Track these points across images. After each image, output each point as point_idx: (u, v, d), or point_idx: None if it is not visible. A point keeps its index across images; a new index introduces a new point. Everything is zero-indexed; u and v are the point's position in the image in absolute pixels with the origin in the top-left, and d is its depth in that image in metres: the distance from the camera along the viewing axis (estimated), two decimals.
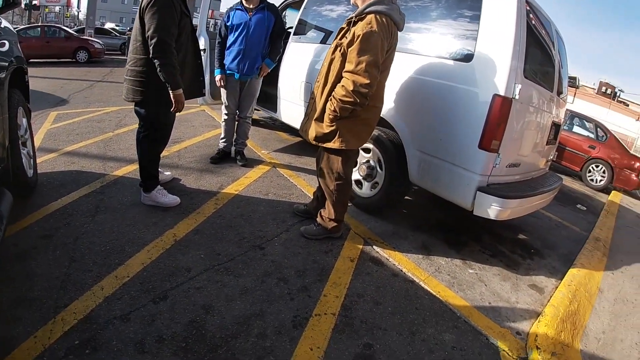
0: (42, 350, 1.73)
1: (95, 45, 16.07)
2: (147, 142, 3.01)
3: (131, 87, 2.82)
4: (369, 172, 3.50)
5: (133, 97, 2.83)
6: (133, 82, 2.80)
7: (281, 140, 5.75)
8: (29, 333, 1.82)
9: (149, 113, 2.91)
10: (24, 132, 3.01)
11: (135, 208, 3.06)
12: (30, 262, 2.31)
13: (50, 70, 11.28)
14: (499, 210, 2.75)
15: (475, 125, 2.74)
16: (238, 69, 3.92)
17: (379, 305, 2.37)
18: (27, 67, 3.20)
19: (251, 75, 4.00)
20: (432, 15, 3.27)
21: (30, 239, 2.53)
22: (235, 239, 2.84)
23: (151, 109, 2.90)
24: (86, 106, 6.56)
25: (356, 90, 2.41)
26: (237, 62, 3.90)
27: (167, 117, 2.99)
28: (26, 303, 1.99)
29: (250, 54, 3.88)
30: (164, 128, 3.06)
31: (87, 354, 1.74)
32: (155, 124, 2.96)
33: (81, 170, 3.66)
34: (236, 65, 3.92)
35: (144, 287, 2.21)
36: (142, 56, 2.74)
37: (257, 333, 1.99)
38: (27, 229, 2.65)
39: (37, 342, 1.78)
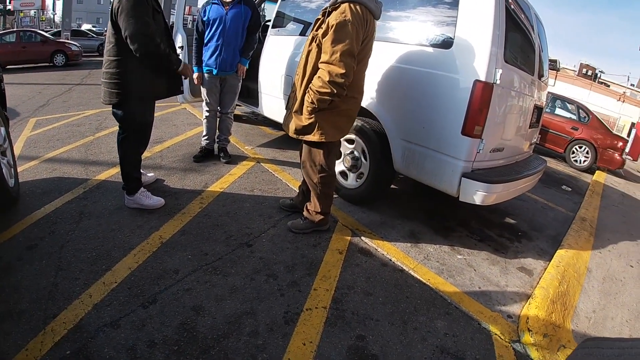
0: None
1: (72, 47, 15.79)
2: (127, 144, 2.98)
3: (107, 90, 2.78)
4: (353, 163, 3.49)
5: (109, 99, 2.80)
6: (109, 84, 2.76)
7: (264, 134, 5.73)
8: (20, 346, 1.79)
9: (125, 114, 2.87)
10: (2, 141, 2.95)
11: (120, 212, 3.02)
12: (17, 274, 2.27)
13: (27, 76, 11.07)
14: (484, 195, 2.76)
15: (458, 111, 2.74)
16: (216, 64, 3.89)
17: (370, 296, 2.38)
18: (2, 74, 3.13)
19: (230, 71, 3.96)
20: (411, 3, 3.25)
21: (15, 250, 2.49)
22: (222, 237, 2.82)
23: (128, 110, 2.86)
24: (65, 110, 6.45)
25: (332, 81, 2.40)
26: (214, 58, 3.87)
27: (145, 116, 2.97)
28: (15, 316, 1.96)
29: (227, 49, 3.85)
30: (143, 129, 3.02)
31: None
32: (133, 124, 2.93)
33: (63, 176, 3.61)
34: (214, 61, 3.88)
35: (132, 292, 2.18)
36: (115, 57, 2.71)
37: (249, 331, 1.99)
38: (12, 239, 2.60)
39: (28, 354, 1.75)
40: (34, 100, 7.30)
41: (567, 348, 2.21)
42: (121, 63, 2.71)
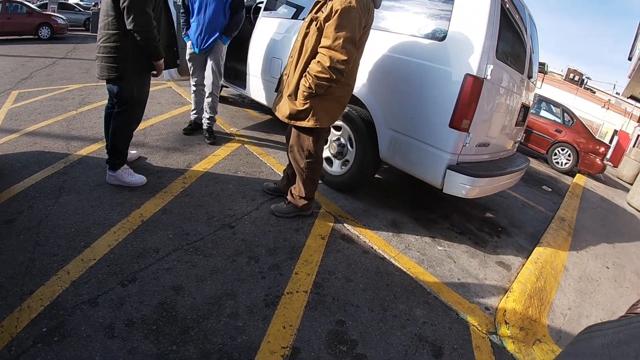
0: (9, 340, 1.67)
1: (59, 20, 15.38)
2: (122, 119, 2.94)
3: (105, 64, 2.73)
4: (339, 150, 3.49)
5: (108, 74, 2.75)
6: (107, 58, 2.71)
7: (250, 117, 5.69)
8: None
9: (124, 89, 2.83)
10: None
11: (100, 188, 2.97)
12: None
13: (11, 48, 10.76)
14: (468, 188, 2.79)
15: (447, 104, 2.76)
16: (197, 43, 3.98)
17: (351, 282, 2.39)
18: None
19: (208, 48, 4.02)
20: None
21: None
22: (205, 218, 2.79)
23: (126, 85, 2.82)
24: (49, 84, 6.29)
25: (332, 67, 2.38)
26: (196, 36, 3.96)
27: (143, 92, 2.95)
28: None
29: (208, 28, 3.91)
30: (139, 104, 3.00)
31: (56, 341, 1.69)
32: (130, 100, 2.89)
33: (44, 150, 3.52)
34: (195, 39, 3.97)
35: (111, 269, 2.15)
36: (115, 31, 2.66)
37: (229, 313, 1.98)
38: None
39: (3, 331, 1.71)
40: (16, 72, 7.11)
41: (542, 342, 2.26)
42: (120, 37, 2.66)
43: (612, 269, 3.50)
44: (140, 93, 2.94)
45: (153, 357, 1.68)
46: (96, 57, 2.78)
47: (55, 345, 1.67)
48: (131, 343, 1.73)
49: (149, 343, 1.75)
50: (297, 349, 1.85)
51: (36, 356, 1.62)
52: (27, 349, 1.64)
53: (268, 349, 1.82)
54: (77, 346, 1.68)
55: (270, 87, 4.12)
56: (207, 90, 4.23)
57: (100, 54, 2.73)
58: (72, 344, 1.69)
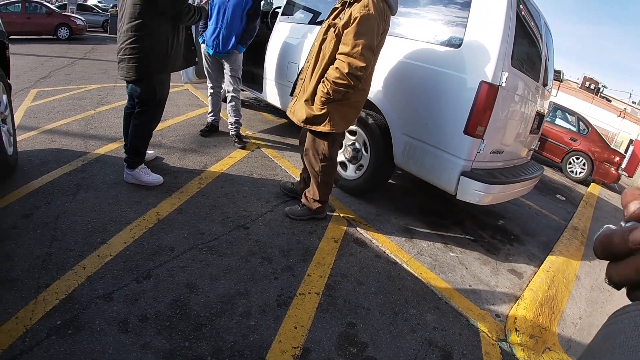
0: (23, 331, 1.70)
1: (77, 22, 15.58)
2: (143, 118, 3.00)
3: (130, 65, 2.78)
4: (354, 155, 3.51)
5: (133, 74, 2.81)
6: (129, 59, 2.77)
7: (266, 121, 5.72)
8: (10, 314, 1.78)
9: (146, 90, 2.90)
10: (3, 108, 2.93)
11: (118, 187, 3.01)
12: (10, 242, 2.25)
13: (30, 47, 10.94)
14: (481, 195, 2.79)
15: (461, 110, 2.76)
16: (213, 45, 4.02)
17: (362, 285, 2.40)
18: (8, 42, 3.10)
19: (224, 54, 4.07)
20: (423, 1, 3.26)
21: (10, 219, 2.47)
22: (219, 218, 2.82)
23: (148, 86, 2.89)
24: (67, 84, 6.39)
25: (351, 73, 2.40)
26: (212, 39, 4.01)
27: (163, 92, 3.01)
28: (6, 284, 1.95)
29: (224, 33, 3.96)
30: (160, 104, 3.06)
31: (70, 334, 1.72)
32: (152, 100, 2.96)
33: (62, 148, 3.58)
34: (212, 42, 4.02)
35: (127, 266, 2.18)
36: (138, 33, 2.73)
37: (242, 312, 2.00)
38: (7, 208, 2.59)
39: (18, 323, 1.74)
40: (36, 71, 7.22)
41: (552, 351, 2.25)
42: (144, 38, 2.73)
43: None
44: (162, 93, 3.00)
45: (165, 352, 1.71)
46: (119, 59, 2.83)
47: (69, 337, 1.70)
48: (144, 338, 1.76)
49: (161, 339, 1.77)
50: (307, 349, 1.86)
51: (50, 348, 1.65)
52: (41, 341, 1.67)
53: (279, 349, 1.83)
54: (91, 339, 1.71)
55: (286, 92, 4.15)
56: (229, 95, 4.27)
57: (124, 55, 2.78)
58: (85, 337, 1.72)
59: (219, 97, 4.50)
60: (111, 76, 7.40)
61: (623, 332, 0.36)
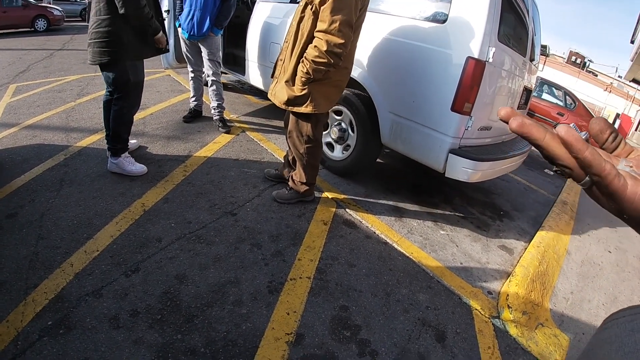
0: (15, 335, 1.68)
1: (55, 12, 15.25)
2: (121, 103, 2.95)
3: (97, 49, 2.73)
4: (340, 135, 3.48)
5: (100, 58, 2.75)
6: (99, 43, 2.71)
7: (250, 103, 5.65)
8: (0, 318, 1.76)
9: (118, 75, 2.84)
10: None
11: (102, 179, 2.96)
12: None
13: (7, 42, 10.68)
14: (470, 172, 2.77)
15: (448, 87, 2.73)
16: (188, 29, 3.94)
17: (354, 268, 2.40)
18: None
19: (199, 37, 3.99)
20: None
21: None
22: (206, 206, 2.80)
23: (121, 70, 2.83)
24: (46, 76, 6.26)
25: (330, 51, 2.35)
26: (187, 23, 3.93)
27: (138, 75, 2.95)
28: None
29: (198, 15, 3.87)
30: (136, 88, 3.00)
31: (62, 334, 1.70)
32: (127, 84, 2.89)
33: (44, 143, 3.51)
34: (186, 25, 3.94)
35: (114, 260, 2.16)
36: (106, 16, 2.67)
37: (233, 300, 1.99)
38: None
39: (9, 326, 1.72)
40: (14, 66, 7.06)
41: (544, 326, 2.27)
42: (112, 21, 2.67)
43: (614, 254, 3.49)
44: (136, 76, 2.93)
45: (158, 346, 1.69)
46: (88, 43, 2.78)
47: (61, 338, 1.68)
48: (136, 333, 1.75)
49: (154, 333, 1.76)
50: (301, 335, 1.86)
51: (42, 350, 1.63)
52: (34, 343, 1.65)
53: (272, 336, 1.83)
54: (83, 338, 1.69)
55: (269, 73, 4.09)
56: (210, 79, 4.21)
57: (92, 39, 2.73)
58: (77, 336, 1.70)
59: (201, 81, 4.44)
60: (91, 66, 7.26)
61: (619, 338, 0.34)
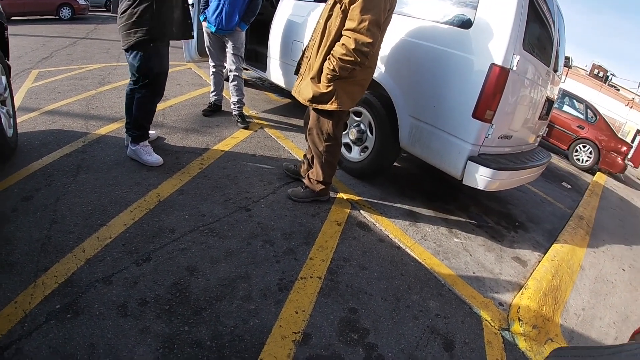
0: (22, 316, 1.69)
1: (79, 1, 15.47)
2: (144, 93, 2.99)
3: (125, 32, 2.79)
4: (359, 136, 3.46)
5: (126, 41, 2.81)
6: (126, 26, 2.78)
7: (270, 101, 5.64)
8: (9, 298, 1.77)
9: (143, 62, 2.87)
10: (2, 90, 2.89)
11: (118, 167, 2.98)
12: (10, 226, 2.23)
13: (32, 28, 10.86)
14: (488, 180, 2.74)
15: (470, 93, 2.70)
16: (215, 22, 3.96)
17: (365, 270, 2.37)
18: (6, 24, 3.07)
19: (227, 31, 4.00)
20: None
21: (9, 201, 2.45)
22: (221, 199, 2.80)
23: (146, 58, 2.86)
24: (69, 64, 6.34)
25: (357, 49, 2.36)
26: (215, 17, 3.94)
27: (162, 66, 2.98)
28: (6, 268, 1.93)
29: (227, 9, 3.88)
30: (160, 77, 3.02)
31: (69, 318, 1.71)
32: (151, 73, 2.93)
33: (63, 129, 3.55)
34: (214, 19, 3.95)
35: (126, 248, 2.17)
36: (130, 2, 2.73)
37: (242, 295, 1.98)
38: (7, 190, 2.56)
39: (17, 307, 1.73)
40: (37, 52, 7.16)
41: (554, 342, 2.22)
42: (135, 6, 2.72)
43: (629, 272, 3.42)
44: (160, 66, 2.96)
45: (165, 337, 1.69)
46: (118, 29, 2.84)
47: (68, 322, 1.69)
48: (143, 322, 1.75)
49: (161, 323, 1.76)
50: (308, 335, 1.85)
51: (49, 332, 1.63)
52: (40, 325, 1.66)
53: (279, 334, 1.82)
54: (90, 324, 1.70)
55: (291, 71, 4.09)
56: (231, 74, 4.22)
57: (120, 24, 2.80)
58: (84, 322, 1.70)
59: (222, 76, 4.46)
60: (113, 55, 7.34)
61: None
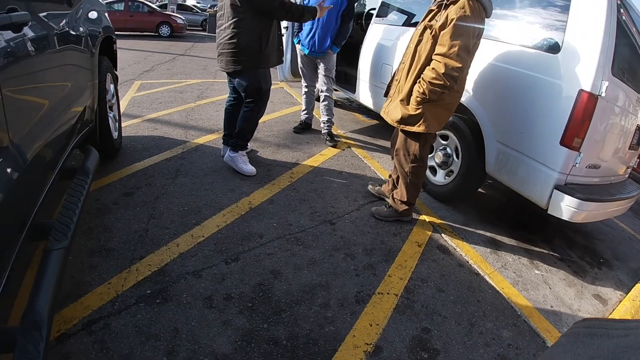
0: (114, 296, 1.91)
1: (178, 20, 16.60)
2: (251, 108, 3.22)
3: (231, 59, 3.02)
4: (444, 160, 3.45)
5: (234, 67, 3.04)
6: (233, 53, 3.00)
7: (357, 121, 5.73)
8: (104, 279, 2.00)
9: (251, 82, 3.11)
10: (111, 97, 3.25)
11: (214, 174, 3.24)
12: (111, 216, 2.53)
13: (134, 43, 11.84)
14: (574, 211, 2.64)
15: (558, 120, 2.63)
16: (308, 45, 4.14)
17: (442, 293, 2.37)
18: (115, 37, 3.44)
19: (319, 54, 4.16)
20: (518, 3, 3.16)
21: (112, 195, 2.77)
22: (308, 212, 2.93)
23: (251, 79, 3.10)
24: (169, 77, 6.86)
25: (447, 74, 2.41)
26: (308, 39, 4.12)
27: (267, 84, 3.21)
28: (103, 253, 2.19)
29: (320, 33, 4.05)
30: (265, 96, 3.25)
31: (158, 303, 1.90)
32: (258, 91, 3.16)
33: (163, 136, 3.90)
34: (307, 42, 4.14)
35: (217, 247, 2.36)
36: (238, 30, 2.95)
37: (321, 303, 2.07)
38: (110, 185, 2.89)
39: (110, 288, 1.96)
40: (139, 65, 7.84)
41: None
42: (243, 35, 2.96)
43: None
44: (266, 83, 3.19)
45: (244, 331, 1.82)
46: (219, 52, 3.08)
47: (156, 306, 1.88)
48: (226, 315, 1.89)
49: (242, 318, 1.89)
50: (379, 348, 1.88)
51: (137, 313, 1.83)
52: (130, 306, 1.86)
53: (352, 343, 1.87)
54: (177, 310, 1.87)
55: (380, 93, 4.17)
56: (322, 95, 4.39)
57: (225, 50, 3.03)
58: (171, 308, 1.88)
59: (313, 96, 4.64)
60: (210, 72, 7.83)
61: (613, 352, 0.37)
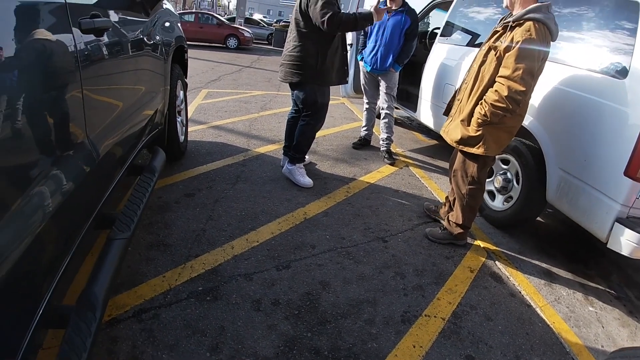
0: (167, 289, 2.03)
1: (245, 33, 17.32)
2: (306, 121, 3.33)
3: (289, 70, 3.15)
4: (504, 185, 3.36)
5: (291, 78, 3.16)
6: (291, 65, 3.13)
7: (416, 140, 5.69)
8: (159, 272, 2.14)
9: (307, 95, 3.21)
10: (180, 102, 3.47)
11: (273, 183, 3.35)
12: (171, 214, 2.69)
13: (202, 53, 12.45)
14: (634, 247, 2.47)
15: (623, 149, 2.49)
16: (370, 62, 4.21)
17: (490, 321, 2.32)
18: (187, 46, 3.65)
19: (381, 71, 4.21)
20: (585, 25, 3.04)
21: (174, 194, 2.95)
22: (361, 227, 2.95)
23: (310, 92, 3.20)
24: (234, 88, 7.17)
25: (510, 97, 2.37)
26: (371, 57, 4.19)
27: (323, 98, 3.29)
28: (161, 247, 2.34)
29: (382, 51, 4.11)
30: (321, 110, 3.34)
31: (208, 300, 2.00)
32: (315, 104, 3.25)
33: (227, 143, 4.09)
34: (370, 59, 4.20)
35: (270, 253, 2.44)
36: (299, 43, 3.09)
37: (366, 318, 2.08)
38: (173, 185, 3.08)
39: (164, 281, 2.08)
40: (207, 74, 8.24)
41: None
42: (303, 48, 3.08)
43: None
44: (323, 98, 3.28)
45: (288, 337, 1.86)
46: (281, 63, 3.23)
47: (206, 303, 1.98)
48: (272, 320, 1.95)
49: (287, 324, 1.94)
50: None
51: (187, 307, 1.93)
52: (181, 300, 1.97)
53: None
54: (225, 309, 1.96)
55: (441, 112, 4.15)
56: (383, 112, 4.42)
57: (285, 61, 3.17)
58: (221, 307, 1.97)
59: (374, 113, 4.68)
60: (274, 85, 8.08)
61: None
